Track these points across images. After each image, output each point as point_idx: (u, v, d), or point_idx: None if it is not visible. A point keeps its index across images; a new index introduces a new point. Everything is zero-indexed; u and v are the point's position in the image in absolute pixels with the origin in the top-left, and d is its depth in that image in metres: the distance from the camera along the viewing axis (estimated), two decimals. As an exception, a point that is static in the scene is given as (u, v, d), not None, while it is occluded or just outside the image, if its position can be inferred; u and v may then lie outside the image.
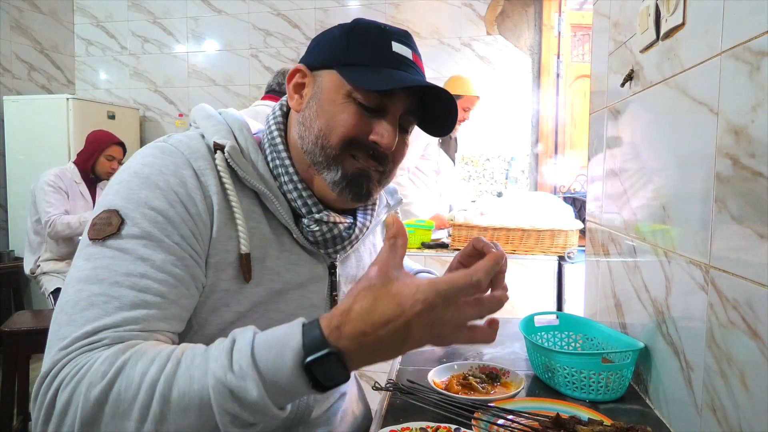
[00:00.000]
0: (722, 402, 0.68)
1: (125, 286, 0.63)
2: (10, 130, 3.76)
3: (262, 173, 0.77)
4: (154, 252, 0.65)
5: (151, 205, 0.67)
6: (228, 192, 0.72)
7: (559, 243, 2.25)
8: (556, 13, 3.63)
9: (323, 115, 0.75)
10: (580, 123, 3.64)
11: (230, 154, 0.73)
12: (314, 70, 0.78)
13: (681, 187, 0.82)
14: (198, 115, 0.81)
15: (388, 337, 0.52)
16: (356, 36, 0.76)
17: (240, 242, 0.72)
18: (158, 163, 0.70)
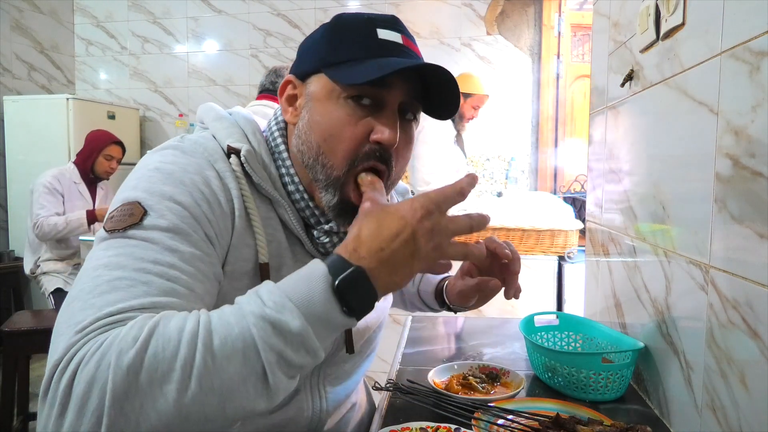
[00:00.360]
0: (722, 402, 0.68)
1: (154, 273, 0.57)
2: (10, 130, 3.76)
3: (275, 180, 0.74)
4: (182, 245, 0.60)
5: (177, 199, 0.62)
6: (245, 198, 0.69)
7: (559, 243, 2.25)
8: (556, 13, 3.63)
9: (317, 127, 0.70)
10: (580, 123, 3.64)
11: (246, 158, 0.70)
12: (304, 78, 0.74)
13: (681, 187, 0.82)
14: (207, 116, 0.77)
15: (400, 249, 0.55)
16: (339, 32, 0.72)
17: (258, 251, 0.69)
18: (181, 162, 0.67)
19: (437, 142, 2.97)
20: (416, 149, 3.03)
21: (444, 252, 0.58)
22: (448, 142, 3.04)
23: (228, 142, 0.71)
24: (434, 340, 1.31)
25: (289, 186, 0.74)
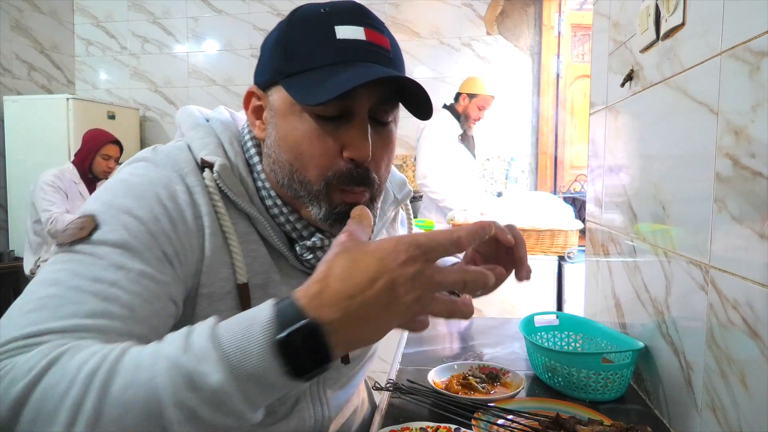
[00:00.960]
0: (722, 402, 0.68)
1: (88, 292, 0.52)
2: (10, 130, 3.76)
3: (252, 194, 0.69)
4: (131, 261, 0.56)
5: (134, 213, 0.58)
6: (219, 214, 0.64)
7: (559, 243, 2.25)
8: (556, 13, 3.63)
9: (285, 144, 0.65)
10: (580, 123, 3.64)
11: (220, 174, 0.65)
12: (265, 89, 0.67)
13: (681, 187, 0.82)
14: (184, 123, 0.72)
15: (374, 298, 0.44)
16: (293, 34, 0.64)
17: (236, 270, 0.64)
18: (150, 174, 0.63)
19: (439, 138, 3.00)
20: (419, 145, 3.06)
21: (426, 307, 0.47)
22: (452, 140, 3.06)
23: (202, 155, 0.66)
24: (434, 340, 1.31)
25: (267, 200, 0.69)
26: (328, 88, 0.59)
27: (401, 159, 4.05)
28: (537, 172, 3.76)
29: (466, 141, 3.18)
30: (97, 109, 3.87)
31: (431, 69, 3.90)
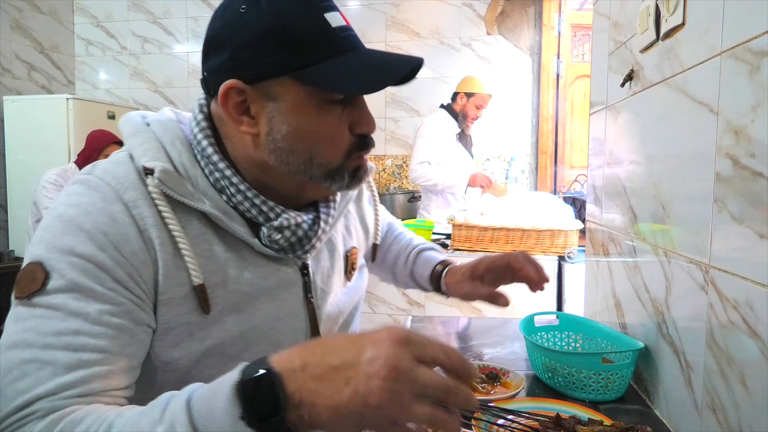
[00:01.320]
0: (722, 402, 0.68)
1: (58, 347, 0.56)
2: (10, 130, 3.76)
3: (204, 190, 0.68)
4: (87, 304, 0.58)
5: (77, 252, 0.59)
6: (167, 220, 0.64)
7: (559, 243, 2.25)
8: (556, 13, 3.63)
9: (302, 136, 0.66)
10: (580, 123, 3.64)
11: (161, 180, 0.64)
12: (254, 83, 0.65)
13: (681, 187, 0.82)
14: (125, 131, 0.70)
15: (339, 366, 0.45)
16: (289, 27, 0.63)
17: (190, 273, 0.64)
18: (84, 202, 0.62)
19: (435, 137, 3.02)
20: (415, 143, 3.08)
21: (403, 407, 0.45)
22: (449, 139, 3.06)
23: (143, 162, 0.65)
24: (434, 340, 1.30)
25: (228, 189, 0.69)
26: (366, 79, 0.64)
27: (401, 159, 4.05)
28: (537, 172, 3.76)
29: (464, 140, 3.19)
30: (97, 109, 3.87)
31: (431, 69, 3.90)
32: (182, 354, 0.66)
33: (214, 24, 0.68)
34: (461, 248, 2.35)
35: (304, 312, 0.77)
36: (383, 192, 4.04)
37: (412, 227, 2.51)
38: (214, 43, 0.68)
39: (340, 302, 0.84)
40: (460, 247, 2.35)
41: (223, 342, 0.68)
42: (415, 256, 1.09)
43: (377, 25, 3.96)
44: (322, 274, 0.80)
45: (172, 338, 0.66)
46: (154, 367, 0.66)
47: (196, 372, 0.67)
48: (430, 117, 3.17)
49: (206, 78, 0.70)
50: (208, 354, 0.67)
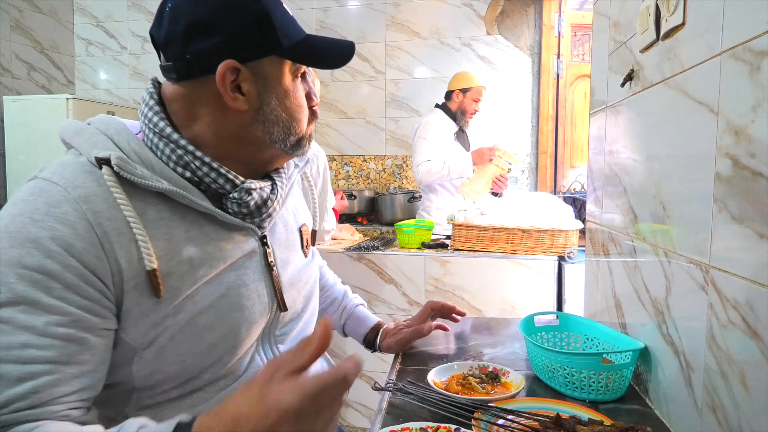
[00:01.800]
0: (722, 402, 0.68)
1: (8, 361, 0.59)
2: (10, 130, 3.76)
3: (160, 171, 0.71)
4: (34, 317, 0.60)
5: (24, 263, 0.61)
6: (123, 207, 0.66)
7: (559, 243, 2.25)
8: (556, 13, 3.63)
9: (285, 108, 0.77)
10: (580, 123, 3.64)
11: (119, 166, 0.67)
12: (246, 62, 0.72)
13: (681, 187, 0.82)
14: (67, 134, 0.73)
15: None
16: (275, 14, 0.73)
17: (144, 258, 0.67)
18: (29, 210, 0.64)
19: (434, 137, 3.00)
20: (414, 144, 3.06)
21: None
22: (447, 138, 3.05)
23: (94, 154, 0.68)
24: (434, 340, 1.31)
25: (193, 164, 0.72)
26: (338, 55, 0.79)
27: (401, 159, 4.06)
28: (537, 172, 3.76)
29: (461, 139, 3.18)
30: (97, 109, 3.86)
31: (431, 69, 3.90)
32: (157, 332, 0.69)
33: (195, 10, 0.71)
34: (461, 248, 2.35)
35: (268, 279, 0.82)
36: (383, 192, 4.04)
37: (412, 227, 2.51)
38: (202, 27, 0.71)
39: (300, 273, 0.90)
40: (460, 247, 2.35)
41: (194, 315, 0.72)
42: (351, 311, 1.22)
43: (377, 25, 3.97)
44: (280, 245, 0.86)
45: (147, 321, 0.68)
46: (132, 349, 0.69)
47: (173, 348, 0.70)
48: (427, 117, 3.15)
49: (189, 60, 0.71)
50: (182, 329, 0.71)
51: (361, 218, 3.85)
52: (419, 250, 2.44)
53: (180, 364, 0.72)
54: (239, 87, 0.73)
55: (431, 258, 2.35)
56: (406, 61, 3.95)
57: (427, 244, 2.48)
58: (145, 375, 0.71)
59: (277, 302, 0.83)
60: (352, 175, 4.14)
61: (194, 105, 0.74)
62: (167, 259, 0.70)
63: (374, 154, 4.09)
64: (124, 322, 0.68)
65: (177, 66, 0.72)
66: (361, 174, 4.14)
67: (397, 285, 2.39)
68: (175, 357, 0.71)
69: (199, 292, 0.72)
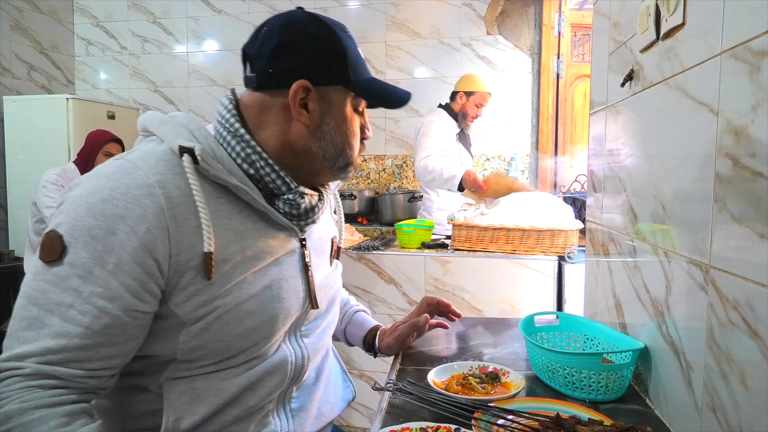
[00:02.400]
0: (722, 402, 0.68)
1: (56, 314, 0.70)
2: (10, 130, 3.76)
3: (230, 168, 0.81)
4: (83, 283, 0.70)
5: (92, 233, 0.71)
6: (195, 195, 0.75)
7: (559, 243, 2.25)
8: (556, 13, 3.63)
9: (341, 132, 0.86)
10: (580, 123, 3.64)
11: (202, 156, 0.76)
12: (317, 85, 0.82)
13: (681, 187, 0.82)
14: (151, 123, 0.84)
15: None
16: (351, 50, 0.85)
17: (205, 241, 0.75)
18: (111, 186, 0.73)
19: (436, 135, 2.99)
20: (417, 142, 3.04)
21: None
22: (450, 139, 3.05)
23: (178, 142, 0.77)
24: (434, 340, 1.31)
25: (258, 162, 0.82)
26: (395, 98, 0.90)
27: (401, 159, 4.06)
28: (537, 172, 3.76)
29: (464, 140, 3.18)
30: (97, 109, 3.87)
31: (431, 69, 3.91)
32: (207, 310, 0.77)
33: (284, 33, 0.83)
34: (461, 248, 2.35)
35: (304, 277, 0.90)
36: (383, 192, 4.04)
37: (412, 227, 2.51)
38: (287, 49, 0.82)
39: (328, 278, 0.99)
40: (460, 247, 2.35)
41: (241, 300, 0.79)
42: (351, 316, 1.24)
43: (377, 25, 3.97)
44: (314, 249, 0.95)
45: (199, 298, 0.76)
46: (182, 322, 0.77)
47: (218, 327, 0.78)
48: (430, 117, 3.14)
49: (270, 74, 0.83)
50: (229, 311, 0.78)
51: (361, 218, 3.85)
52: (419, 250, 2.44)
53: (222, 343, 0.79)
54: (306, 104, 0.83)
55: (431, 258, 2.35)
56: (406, 61, 3.95)
57: (427, 244, 2.48)
58: (189, 348, 0.78)
59: (311, 299, 0.91)
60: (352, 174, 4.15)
61: (265, 112, 0.85)
62: (224, 246, 0.78)
63: (374, 154, 4.09)
64: (176, 298, 0.76)
65: (259, 77, 0.84)
66: (361, 174, 4.14)
67: (397, 285, 2.39)
68: (219, 335, 0.78)
69: (247, 280, 0.80)
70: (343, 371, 1.10)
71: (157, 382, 0.80)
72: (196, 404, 0.79)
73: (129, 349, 0.76)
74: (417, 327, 1.19)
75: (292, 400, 0.91)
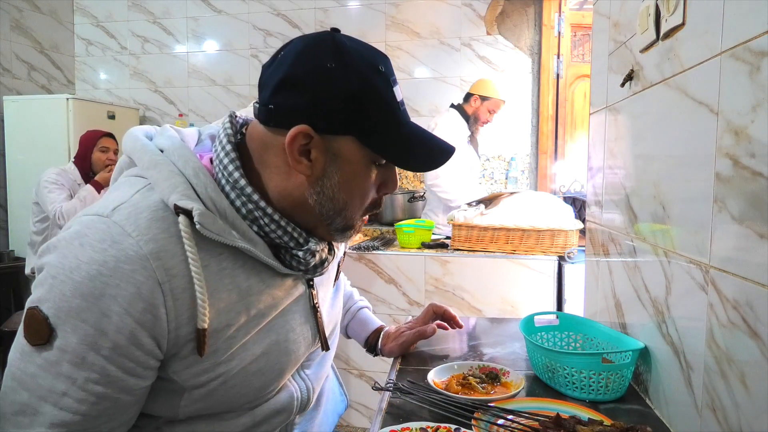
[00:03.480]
0: (722, 402, 0.68)
1: (49, 402, 0.64)
2: (10, 130, 3.76)
3: (233, 222, 0.70)
4: (76, 370, 0.63)
5: (82, 317, 0.62)
6: (191, 264, 0.65)
7: (559, 243, 2.25)
8: (556, 13, 3.63)
9: (347, 188, 0.73)
10: (580, 123, 3.64)
11: (201, 223, 0.66)
12: (322, 133, 0.69)
13: (681, 187, 0.82)
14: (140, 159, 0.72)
15: None
16: (368, 95, 0.69)
17: (198, 316, 0.66)
18: (98, 260, 0.63)
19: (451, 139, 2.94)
20: None
21: None
22: (462, 142, 3.04)
23: (173, 200, 0.66)
24: (434, 340, 1.31)
25: (262, 219, 0.72)
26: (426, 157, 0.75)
27: (401, 159, 4.05)
28: (537, 172, 3.76)
29: (473, 143, 3.16)
30: (97, 109, 3.87)
31: (431, 69, 3.90)
32: (209, 377, 0.71)
33: (295, 64, 0.69)
34: (461, 248, 2.35)
35: (312, 320, 0.84)
36: (383, 192, 4.04)
37: (412, 227, 2.51)
38: (292, 83, 0.69)
39: (334, 306, 0.94)
40: (460, 247, 2.35)
41: (247, 363, 0.73)
42: (355, 313, 1.22)
43: (377, 25, 3.97)
44: (322, 284, 0.89)
45: (199, 367, 0.70)
46: (182, 388, 0.71)
47: (223, 391, 0.72)
48: (444, 117, 3.08)
49: (270, 110, 0.71)
50: (234, 376, 0.72)
51: (361, 218, 3.85)
52: (419, 250, 2.44)
53: (227, 404, 0.75)
54: (309, 151, 0.70)
55: (431, 258, 2.35)
56: (406, 61, 3.95)
57: (427, 244, 2.48)
58: (191, 411, 0.73)
59: (320, 341, 0.86)
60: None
61: (267, 150, 0.73)
62: (227, 310, 0.70)
63: (374, 154, 4.09)
64: (176, 366, 0.69)
65: (261, 110, 0.72)
66: (361, 174, 4.14)
67: (397, 285, 2.39)
68: (224, 399, 0.73)
69: (251, 341, 0.74)
70: (339, 384, 1.10)
71: (153, 425, 0.75)
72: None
73: (132, 415, 0.70)
74: (423, 336, 1.17)
75: (295, 427, 0.89)
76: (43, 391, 0.64)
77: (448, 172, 2.93)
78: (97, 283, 0.62)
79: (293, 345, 0.79)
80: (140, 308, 0.63)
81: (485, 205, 2.41)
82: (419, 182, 3.97)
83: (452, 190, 2.94)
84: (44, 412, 0.64)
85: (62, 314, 0.63)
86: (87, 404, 0.64)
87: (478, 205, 2.42)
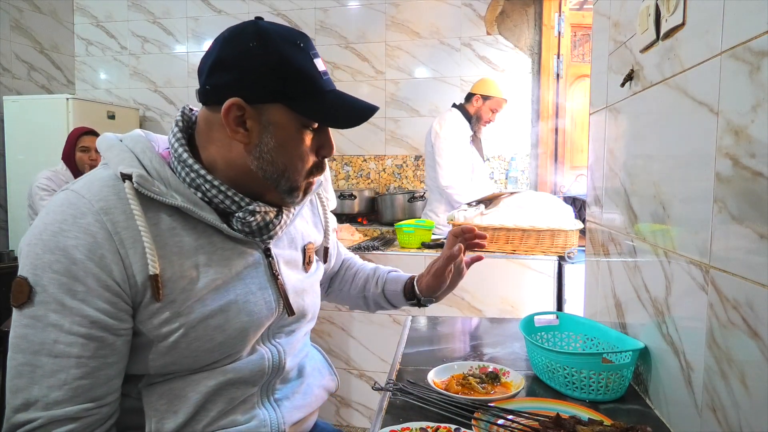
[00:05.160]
0: (722, 402, 0.68)
1: (43, 353, 0.71)
2: (10, 130, 3.76)
3: (176, 188, 0.80)
4: (61, 317, 0.71)
5: (54, 268, 0.72)
6: (137, 218, 0.75)
7: (559, 243, 2.25)
8: (556, 13, 3.63)
9: (284, 152, 0.81)
10: (580, 123, 3.64)
11: (139, 183, 0.77)
12: (253, 103, 0.79)
13: (681, 187, 0.82)
14: (102, 146, 0.84)
15: None
16: (290, 65, 0.79)
17: (148, 264, 0.75)
18: (58, 219, 0.74)
19: (456, 139, 2.93)
20: (438, 146, 2.94)
21: None
22: (465, 142, 3.02)
23: (120, 169, 0.78)
24: (434, 340, 1.31)
25: (204, 186, 0.81)
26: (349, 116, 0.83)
27: (401, 159, 4.06)
28: (537, 172, 3.76)
29: (476, 143, 3.15)
30: (97, 109, 3.87)
31: (431, 69, 3.90)
32: (171, 328, 0.78)
33: (223, 48, 0.80)
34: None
35: (274, 286, 0.90)
36: (383, 192, 4.04)
37: (412, 227, 2.51)
38: (221, 64, 0.80)
39: (302, 283, 0.97)
40: (460, 247, 2.35)
41: (205, 317, 0.80)
42: (385, 278, 1.22)
43: (377, 25, 3.97)
44: (284, 258, 0.94)
45: (159, 317, 0.77)
46: (149, 340, 0.78)
47: (186, 344, 0.79)
48: (445, 116, 3.03)
49: (207, 90, 0.81)
50: (194, 328, 0.79)
51: (361, 218, 3.85)
52: (419, 250, 2.44)
53: (192, 358, 0.81)
54: (245, 122, 0.79)
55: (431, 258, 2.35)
56: (406, 61, 3.95)
57: (427, 244, 2.48)
58: (159, 365, 0.79)
59: (285, 307, 0.91)
60: (352, 175, 4.14)
61: (211, 128, 0.83)
62: (178, 263, 0.79)
63: (374, 154, 4.09)
64: (140, 315, 0.77)
65: (201, 92, 0.83)
66: (361, 174, 4.14)
67: (397, 285, 2.39)
68: (188, 352, 0.80)
69: (209, 296, 0.81)
70: (327, 363, 1.11)
71: (135, 389, 0.81)
72: (176, 403, 0.81)
73: (123, 366, 0.78)
74: (452, 257, 1.11)
75: (276, 391, 0.93)
76: (36, 346, 0.71)
77: (461, 174, 2.91)
78: (60, 237, 0.73)
79: (253, 306, 0.85)
80: (99, 254, 0.73)
81: (485, 205, 2.41)
82: (419, 182, 3.97)
83: (465, 192, 2.91)
84: (42, 364, 0.71)
85: (38, 271, 0.72)
86: (78, 346, 0.72)
87: (478, 205, 2.42)
